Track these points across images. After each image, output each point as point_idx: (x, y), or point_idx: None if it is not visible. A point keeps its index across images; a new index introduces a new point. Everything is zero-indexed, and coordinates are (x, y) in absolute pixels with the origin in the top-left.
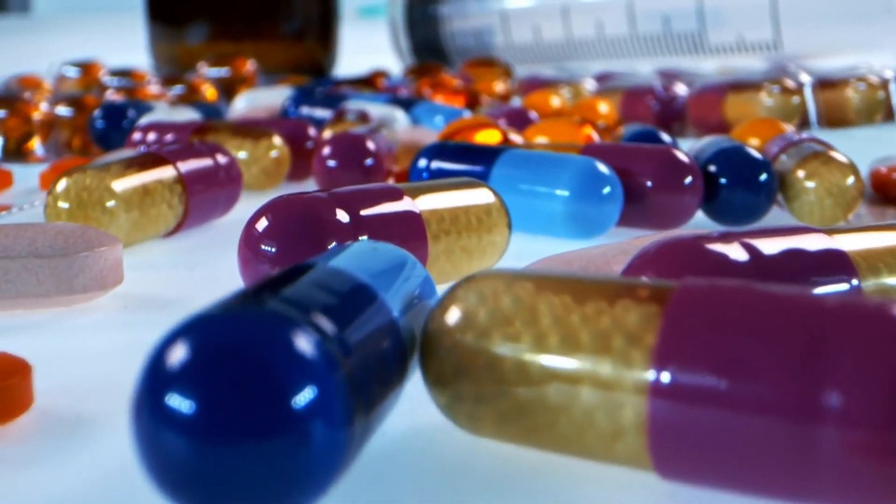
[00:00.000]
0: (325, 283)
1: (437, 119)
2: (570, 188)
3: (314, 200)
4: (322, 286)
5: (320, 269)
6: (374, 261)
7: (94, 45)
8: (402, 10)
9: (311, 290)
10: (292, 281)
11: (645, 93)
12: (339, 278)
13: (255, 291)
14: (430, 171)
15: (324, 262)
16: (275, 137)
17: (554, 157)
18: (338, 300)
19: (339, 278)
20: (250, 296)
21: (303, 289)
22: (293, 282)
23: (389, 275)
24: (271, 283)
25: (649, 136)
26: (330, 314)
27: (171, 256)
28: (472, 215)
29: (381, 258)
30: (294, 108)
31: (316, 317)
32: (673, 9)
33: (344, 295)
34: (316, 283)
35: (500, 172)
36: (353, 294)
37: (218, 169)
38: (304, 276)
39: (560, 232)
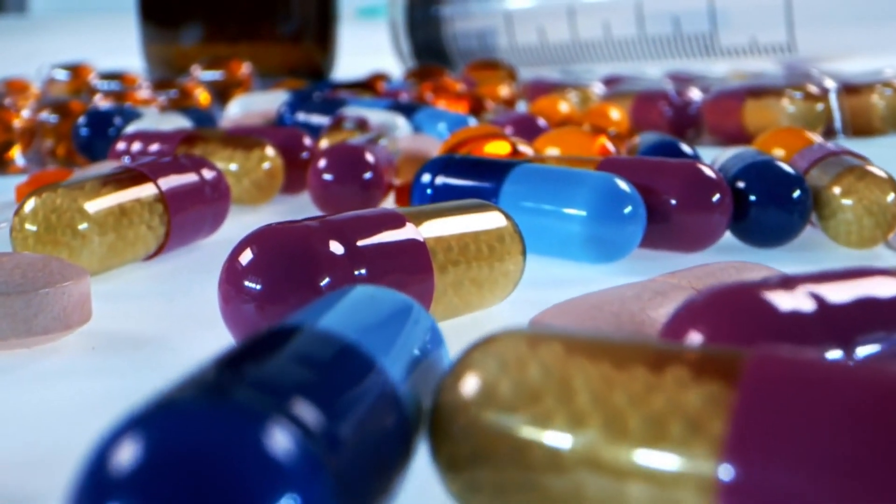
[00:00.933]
0: (309, 352)
1: (440, 126)
2: (589, 208)
3: (304, 230)
4: (305, 358)
5: (306, 331)
6: (370, 314)
7: (92, 45)
8: (402, 11)
9: (291, 366)
10: (269, 352)
11: (658, 98)
12: (327, 344)
13: (221, 369)
14: (435, 187)
15: (311, 320)
16: (267, 148)
17: (569, 174)
18: (324, 375)
19: (327, 344)
20: (214, 377)
21: (281, 364)
22: (270, 354)
23: (389, 330)
24: (242, 355)
25: (669, 148)
26: (314, 396)
27: (150, 284)
28: (482, 242)
29: (379, 310)
30: (290, 114)
31: (295, 405)
32: (683, 9)
33: (332, 366)
34: (298, 355)
35: (512, 189)
36: (344, 363)
37: (203, 185)
38: (285, 343)
39: (577, 255)
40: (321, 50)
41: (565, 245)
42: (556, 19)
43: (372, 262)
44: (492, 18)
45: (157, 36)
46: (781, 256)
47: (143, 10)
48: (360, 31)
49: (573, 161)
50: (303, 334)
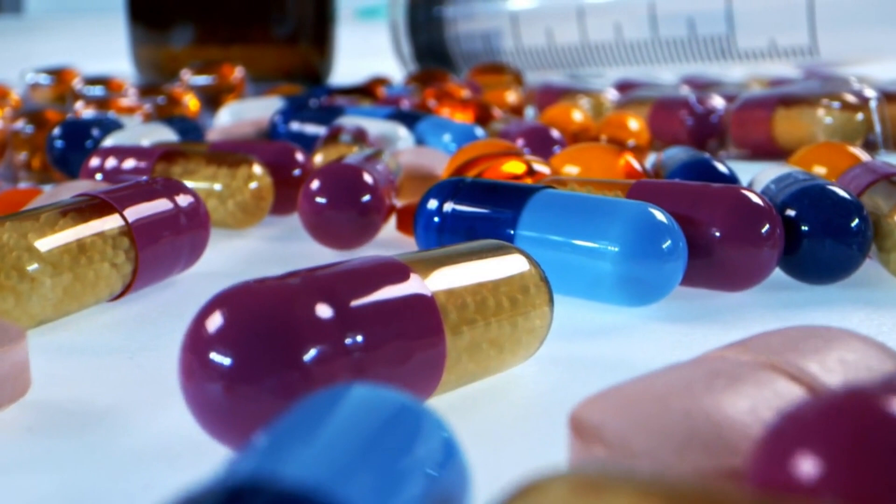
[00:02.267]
0: None
1: (445, 138)
2: (622, 243)
3: (285, 291)
4: None
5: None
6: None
7: (89, 46)
8: (403, 12)
9: None
10: None
11: (678, 106)
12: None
13: None
14: (443, 215)
15: (276, 459)
16: (254, 166)
17: (598, 202)
18: None
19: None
20: None
21: None
22: None
23: (386, 473)
24: None
25: (702, 168)
26: None
27: (111, 334)
28: (503, 295)
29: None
30: (283, 123)
31: None
32: (699, 10)
33: None
34: None
35: (532, 220)
36: None
37: (178, 213)
38: None
39: (608, 297)
40: (318, 53)
41: (594, 285)
42: (565, 20)
43: (368, 327)
44: (497, 19)
45: (146, 38)
46: (837, 294)
47: (132, 11)
48: (359, 33)
49: (599, 185)
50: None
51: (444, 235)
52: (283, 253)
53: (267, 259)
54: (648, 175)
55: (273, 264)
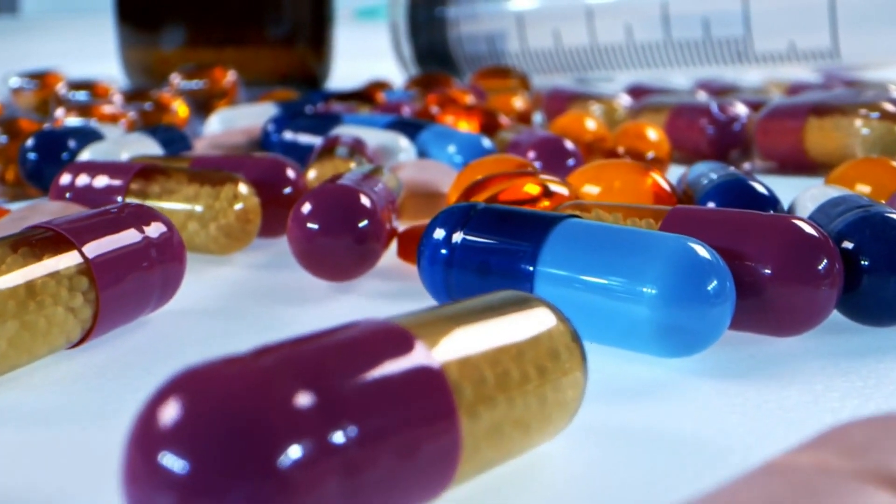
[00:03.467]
0: None
1: (450, 149)
2: (660, 285)
3: (255, 374)
4: None
5: None
6: None
7: (85, 47)
8: (404, 12)
9: None
10: None
11: (697, 113)
12: None
13: None
14: (451, 247)
15: None
16: (240, 185)
17: (631, 235)
18: None
19: None
20: None
21: None
22: None
23: None
24: None
25: (740, 189)
26: None
27: (66, 392)
28: (529, 363)
29: None
30: (276, 132)
31: None
32: (714, 11)
33: None
34: None
35: (555, 254)
36: None
37: (147, 246)
38: None
39: (644, 347)
40: (315, 55)
41: (628, 333)
42: (573, 21)
43: (362, 416)
44: (501, 20)
45: (135, 39)
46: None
47: (120, 11)
48: (358, 34)
49: (628, 211)
50: None
51: (452, 270)
52: (272, 284)
53: (253, 291)
54: (677, 196)
55: (260, 298)
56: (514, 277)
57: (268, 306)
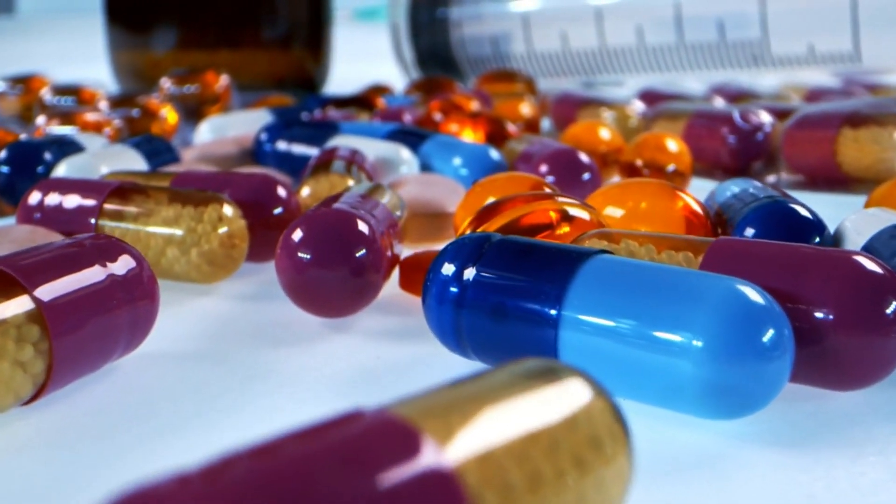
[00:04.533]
0: None
1: (455, 161)
2: (708, 336)
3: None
4: None
5: None
6: None
7: (83, 47)
8: (405, 13)
9: None
10: None
11: (718, 121)
12: None
13: None
14: (462, 284)
15: None
16: (225, 206)
17: (672, 276)
18: None
19: None
20: None
21: None
22: None
23: None
24: None
25: (783, 214)
26: None
27: (11, 465)
28: (565, 456)
29: None
30: (269, 141)
31: None
32: (730, 13)
33: None
34: None
35: (584, 297)
36: None
37: (112, 285)
38: None
39: (688, 407)
40: (312, 57)
41: (670, 392)
42: (581, 23)
43: None
44: (506, 22)
45: (125, 41)
46: None
47: (109, 12)
48: (357, 36)
49: (662, 242)
50: None
51: (462, 311)
52: (258, 320)
53: (236, 330)
54: (710, 220)
55: (243, 337)
56: (534, 322)
57: (252, 348)
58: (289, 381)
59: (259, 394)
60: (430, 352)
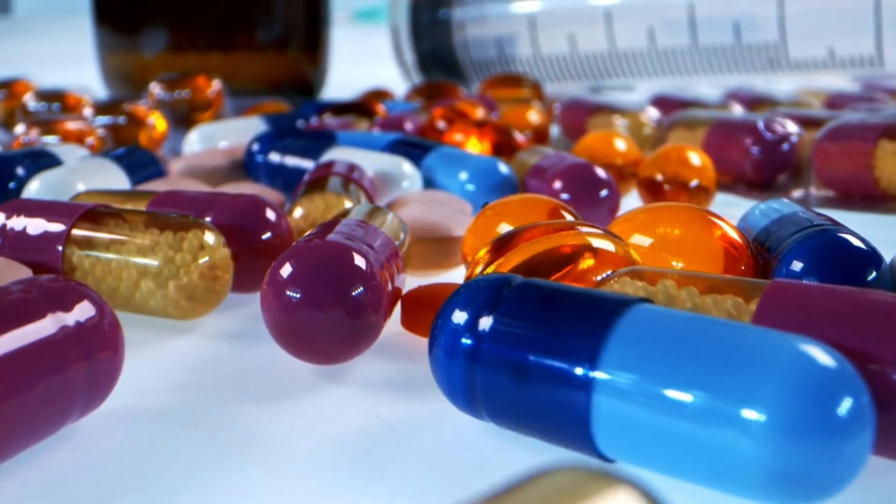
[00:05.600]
0: None
1: (461, 176)
2: (773, 410)
3: None
4: None
5: None
6: None
7: (80, 48)
8: (406, 14)
9: None
10: None
11: (742, 131)
12: None
13: None
14: (477, 336)
15: None
16: (206, 233)
17: (726, 332)
18: None
19: None
20: None
21: None
22: None
23: None
24: None
25: (836, 247)
26: None
27: None
28: None
29: None
30: (261, 152)
31: None
32: (746, 15)
33: None
34: None
35: (622, 356)
36: None
37: (66, 338)
38: None
39: (748, 491)
40: (310, 60)
41: (724, 472)
42: (590, 24)
43: None
44: (512, 23)
45: (113, 43)
46: None
47: (98, 12)
48: (356, 37)
49: (704, 283)
50: None
51: (477, 368)
52: (241, 366)
53: (215, 380)
54: (752, 252)
55: (224, 389)
56: (563, 384)
57: (234, 404)
58: (274, 449)
59: (238, 467)
60: (438, 409)
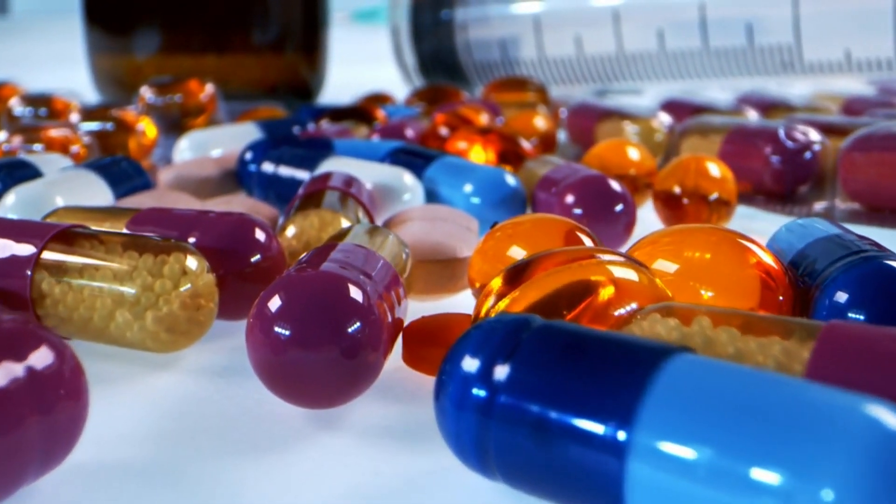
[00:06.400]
0: None
1: (465, 188)
2: (841, 486)
3: None
4: None
5: None
6: None
7: (76, 48)
8: (406, 15)
9: None
10: None
11: (760, 139)
12: None
13: None
14: (491, 387)
15: None
16: (189, 257)
17: (784, 390)
18: None
19: None
20: None
21: None
22: None
23: None
24: None
25: (885, 277)
26: None
27: None
28: None
29: None
30: (254, 161)
31: None
32: (760, 16)
33: None
34: None
35: (662, 415)
36: None
37: (17, 389)
38: None
39: None
40: (307, 63)
41: None
42: (597, 26)
43: None
44: (516, 24)
45: (104, 45)
46: None
47: (88, 12)
48: (355, 39)
49: (746, 321)
50: None
51: (490, 423)
52: (227, 407)
53: (196, 427)
54: (791, 282)
55: (205, 437)
56: (592, 447)
57: (216, 456)
58: None
59: None
60: (445, 465)
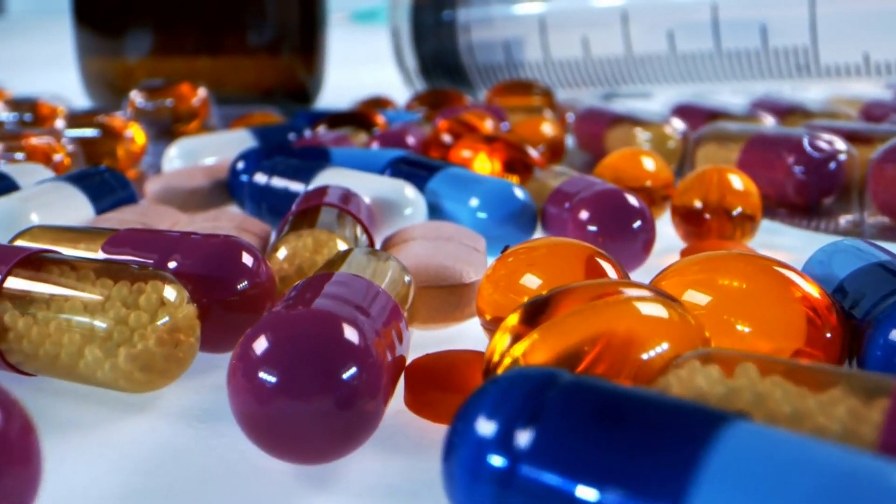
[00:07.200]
0: None
1: (471, 202)
2: None
3: None
4: None
5: None
6: None
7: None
8: (407, 15)
9: None
10: None
11: (782, 148)
12: None
13: None
14: (512, 454)
15: None
16: (167, 287)
17: (854, 468)
18: None
19: None
20: None
21: None
22: None
23: None
24: None
25: None
26: None
27: None
28: None
29: None
30: (246, 171)
31: None
32: (774, 17)
33: None
34: None
35: (715, 496)
36: None
37: None
38: None
39: None
40: (304, 65)
41: None
42: (605, 27)
43: None
44: (520, 25)
45: (94, 46)
46: None
47: (78, 13)
48: (355, 39)
49: (796, 373)
50: None
51: (510, 498)
52: (207, 460)
53: (173, 483)
54: (838, 317)
55: (182, 497)
56: None
57: None
58: None
59: None
60: None
